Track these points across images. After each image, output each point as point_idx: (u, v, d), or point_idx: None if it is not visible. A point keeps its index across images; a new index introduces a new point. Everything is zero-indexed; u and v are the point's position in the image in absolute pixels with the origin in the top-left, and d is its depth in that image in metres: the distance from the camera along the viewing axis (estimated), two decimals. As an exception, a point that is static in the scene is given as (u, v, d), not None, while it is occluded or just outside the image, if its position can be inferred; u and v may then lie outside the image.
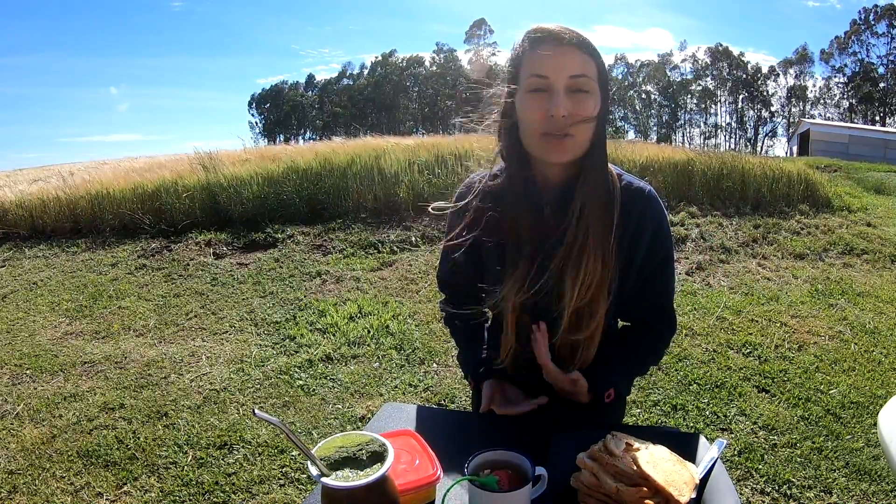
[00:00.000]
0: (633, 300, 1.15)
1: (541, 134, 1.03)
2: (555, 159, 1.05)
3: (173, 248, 5.80)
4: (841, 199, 7.29)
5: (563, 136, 1.02)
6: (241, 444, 2.63)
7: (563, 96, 1.00)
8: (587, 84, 1.01)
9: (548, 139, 1.02)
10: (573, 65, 1.00)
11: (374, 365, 3.42)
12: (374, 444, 0.74)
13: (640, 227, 1.09)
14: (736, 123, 55.10)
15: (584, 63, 1.01)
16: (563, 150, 1.03)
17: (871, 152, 20.57)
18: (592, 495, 0.82)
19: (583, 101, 1.01)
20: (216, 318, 4.20)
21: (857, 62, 49.45)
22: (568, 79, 1.00)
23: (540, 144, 1.04)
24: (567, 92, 1.00)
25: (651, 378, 3.14)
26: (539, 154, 1.06)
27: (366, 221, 6.31)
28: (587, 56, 1.01)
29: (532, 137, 1.05)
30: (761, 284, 4.67)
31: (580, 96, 1.01)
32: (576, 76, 1.00)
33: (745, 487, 2.28)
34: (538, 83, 1.01)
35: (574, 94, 1.00)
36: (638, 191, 1.10)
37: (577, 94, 1.01)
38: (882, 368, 3.24)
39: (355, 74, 64.13)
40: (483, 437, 1.04)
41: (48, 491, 2.35)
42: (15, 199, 7.21)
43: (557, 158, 1.05)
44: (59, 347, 3.80)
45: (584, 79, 1.00)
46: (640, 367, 1.20)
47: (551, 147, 1.03)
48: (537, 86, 1.01)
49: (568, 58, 1.00)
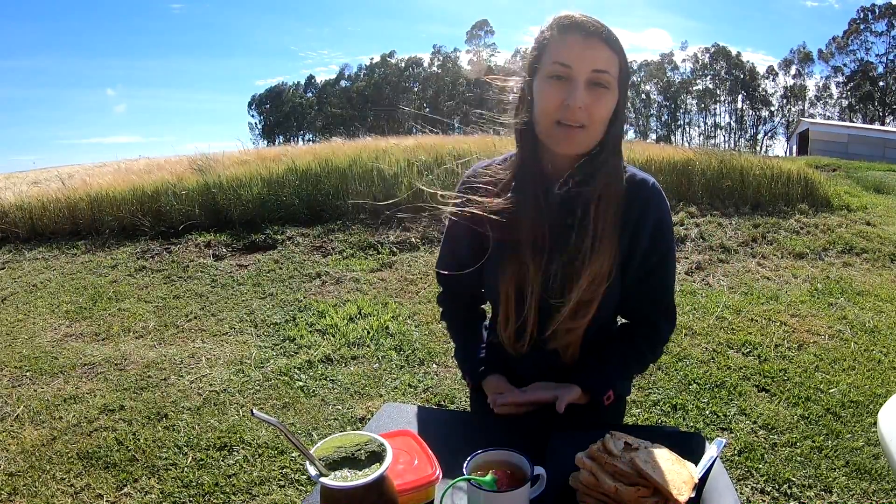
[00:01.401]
0: (633, 294, 1.14)
1: (554, 122, 1.02)
2: (564, 150, 1.05)
3: (173, 249, 5.80)
4: (840, 199, 7.29)
5: (575, 128, 1.01)
6: (241, 446, 2.63)
7: (582, 88, 0.99)
8: (608, 80, 1.00)
9: (560, 128, 1.02)
10: (598, 58, 0.99)
11: (373, 366, 3.42)
12: (373, 444, 0.74)
13: (642, 220, 1.08)
14: (735, 123, 55.15)
15: (609, 59, 1.00)
16: (573, 141, 1.03)
17: (870, 151, 20.58)
18: (591, 495, 0.82)
19: (601, 97, 1.00)
20: (216, 319, 4.20)
21: (856, 61, 49.52)
22: (591, 72, 0.99)
23: (551, 132, 1.04)
24: (588, 85, 0.99)
25: (651, 378, 3.14)
26: (549, 142, 1.06)
27: (365, 223, 6.31)
28: (613, 52, 1.00)
29: (545, 124, 1.04)
30: (761, 284, 4.67)
31: (599, 91, 1.00)
32: (599, 70, 0.99)
33: (746, 487, 2.28)
34: (560, 70, 1.00)
35: (594, 87, 1.00)
36: (642, 183, 1.10)
37: (596, 89, 1.00)
38: (882, 367, 3.24)
39: (353, 76, 64.22)
40: (482, 437, 1.04)
41: (48, 493, 2.35)
42: (14, 200, 7.20)
43: (567, 149, 1.05)
44: (59, 349, 3.80)
45: (606, 74, 1.00)
46: (639, 366, 1.19)
47: (562, 136, 1.03)
48: (559, 73, 1.00)
49: (594, 51, 0.99)
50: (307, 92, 66.04)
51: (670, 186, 6.95)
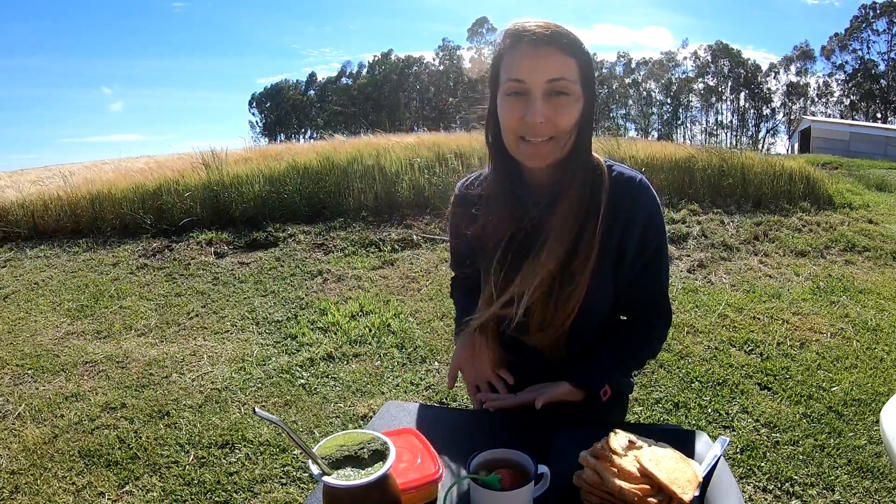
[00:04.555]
0: (626, 292, 1.14)
1: (518, 138, 1.01)
2: (535, 164, 1.04)
3: (174, 247, 5.81)
4: (842, 196, 7.27)
5: (540, 142, 0.99)
6: (243, 444, 2.63)
7: (540, 101, 0.97)
8: (567, 87, 0.98)
9: (525, 144, 1.01)
10: (551, 68, 0.96)
11: (375, 363, 3.42)
12: (376, 443, 0.74)
13: (631, 218, 1.07)
14: (737, 121, 55.05)
15: (563, 65, 0.97)
16: (540, 156, 1.02)
17: (872, 149, 20.54)
18: (595, 493, 0.82)
19: (562, 105, 0.98)
20: (217, 317, 4.20)
21: (857, 59, 49.38)
22: (545, 83, 0.97)
23: (518, 149, 1.03)
24: (545, 96, 0.97)
25: (653, 376, 3.13)
26: (518, 157, 1.05)
27: (367, 220, 6.31)
28: (567, 57, 0.97)
29: (510, 141, 1.03)
30: (763, 282, 4.66)
31: (560, 100, 0.98)
32: (553, 80, 0.97)
33: (748, 485, 2.27)
34: (515, 87, 0.98)
35: (553, 97, 0.98)
36: (629, 180, 1.08)
37: (556, 98, 0.98)
38: (884, 365, 3.24)
39: (354, 74, 64.16)
40: (485, 436, 1.04)
41: (50, 491, 2.35)
42: (16, 199, 7.21)
43: (536, 163, 1.04)
44: (61, 347, 3.80)
45: (563, 82, 0.97)
46: (635, 362, 1.18)
47: (528, 152, 1.02)
48: (514, 89, 0.99)
49: (546, 60, 0.96)
50: (308, 90, 66.02)
51: (672, 184, 6.94)
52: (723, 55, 54.01)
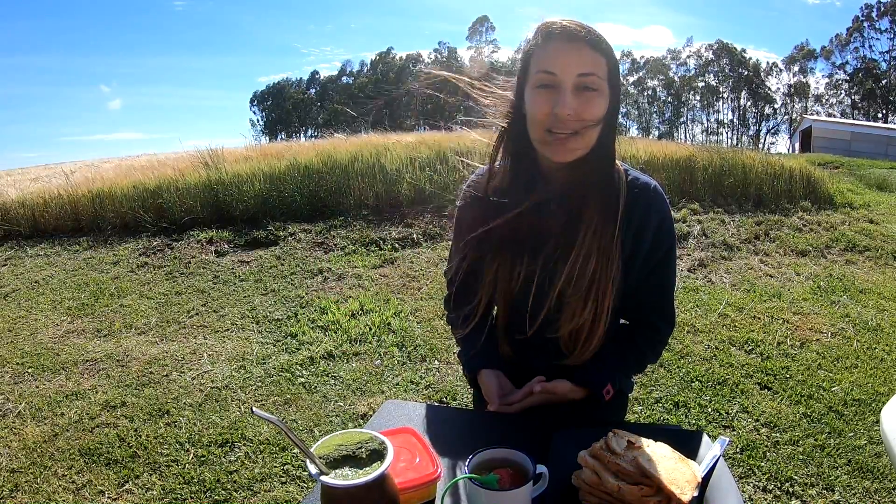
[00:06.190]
0: (633, 296, 1.15)
1: (545, 130, 1.02)
2: (559, 158, 1.04)
3: (175, 245, 5.80)
4: (843, 196, 7.25)
5: (567, 135, 1.00)
6: (243, 442, 2.63)
7: (570, 95, 0.98)
8: (596, 83, 1.00)
9: (552, 137, 1.02)
10: (583, 63, 0.99)
11: (375, 362, 3.42)
12: (374, 442, 0.74)
13: (644, 223, 1.08)
14: (738, 120, 54.98)
15: (595, 61, 0.99)
16: (566, 149, 1.03)
17: (873, 149, 20.48)
18: (594, 493, 0.82)
19: (590, 100, 1.00)
20: (218, 315, 4.21)
21: (859, 59, 49.30)
22: (576, 77, 0.98)
23: (544, 141, 1.04)
24: (575, 90, 0.99)
25: (653, 375, 3.13)
26: (543, 151, 1.06)
27: (367, 219, 6.31)
28: (598, 54, 1.00)
29: (537, 133, 1.04)
30: (763, 281, 4.65)
31: (588, 95, 1.00)
32: (584, 74, 0.99)
33: (748, 485, 2.27)
34: (546, 79, 1.00)
35: (582, 92, 0.99)
36: (644, 186, 1.10)
37: (585, 93, 0.99)
38: (884, 365, 3.23)
39: (354, 72, 64.12)
40: (484, 435, 1.03)
41: (50, 489, 2.35)
42: (16, 197, 7.21)
43: (561, 157, 1.04)
44: (61, 346, 3.81)
45: (592, 77, 0.99)
46: (638, 365, 1.20)
47: (555, 146, 1.02)
48: (545, 81, 1.00)
49: (578, 55, 0.99)
50: (310, 88, 66.00)
51: (673, 183, 6.93)
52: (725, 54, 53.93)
